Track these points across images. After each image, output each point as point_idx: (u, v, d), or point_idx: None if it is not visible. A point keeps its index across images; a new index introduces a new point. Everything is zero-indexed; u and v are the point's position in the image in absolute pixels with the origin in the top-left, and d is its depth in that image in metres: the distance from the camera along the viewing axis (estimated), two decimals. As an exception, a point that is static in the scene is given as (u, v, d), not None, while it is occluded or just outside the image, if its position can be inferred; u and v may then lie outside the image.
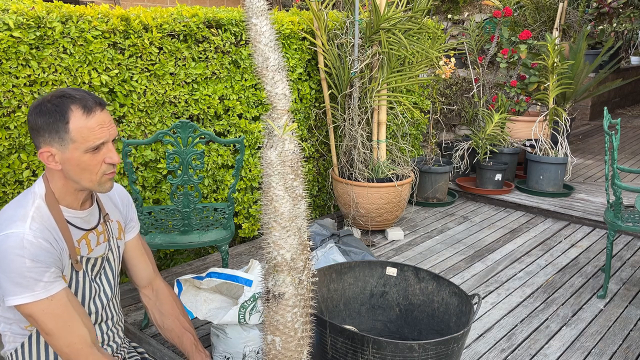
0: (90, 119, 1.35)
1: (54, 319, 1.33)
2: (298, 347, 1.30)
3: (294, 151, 1.20)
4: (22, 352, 1.46)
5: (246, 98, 3.23)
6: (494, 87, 5.13)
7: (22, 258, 1.29)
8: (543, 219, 4.12)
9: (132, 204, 1.72)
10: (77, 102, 1.35)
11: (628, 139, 7.01)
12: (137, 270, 1.73)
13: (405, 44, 3.37)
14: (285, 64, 3.43)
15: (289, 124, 1.20)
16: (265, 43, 1.16)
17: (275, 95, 1.19)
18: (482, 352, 2.37)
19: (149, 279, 1.75)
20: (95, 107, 1.37)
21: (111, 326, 1.58)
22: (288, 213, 1.20)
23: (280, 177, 1.19)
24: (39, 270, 1.31)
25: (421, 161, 4.36)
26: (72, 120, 1.33)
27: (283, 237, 1.21)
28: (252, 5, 1.15)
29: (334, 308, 2.11)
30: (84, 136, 1.34)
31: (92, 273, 1.51)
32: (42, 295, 1.31)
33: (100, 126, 1.37)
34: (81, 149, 1.35)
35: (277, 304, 1.25)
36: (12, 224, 1.33)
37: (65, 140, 1.34)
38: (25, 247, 1.30)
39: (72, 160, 1.36)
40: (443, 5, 8.56)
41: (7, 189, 2.40)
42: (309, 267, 1.28)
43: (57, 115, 1.33)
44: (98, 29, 2.51)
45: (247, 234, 3.45)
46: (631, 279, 3.10)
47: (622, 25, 7.76)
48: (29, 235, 1.32)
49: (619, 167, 2.83)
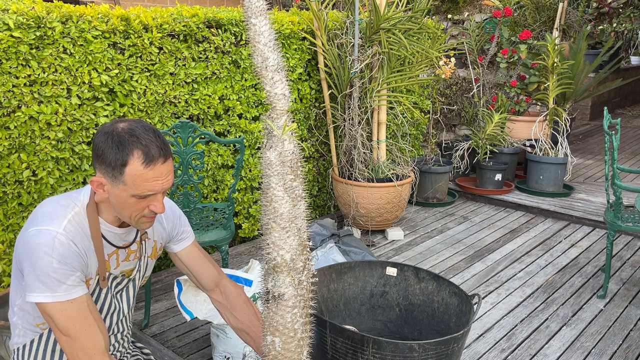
0: (148, 170, 1.31)
1: (72, 321, 1.32)
2: (298, 347, 1.30)
3: (293, 151, 1.19)
4: (30, 348, 1.45)
5: (246, 98, 3.23)
6: (494, 87, 5.13)
7: (51, 258, 1.29)
8: (543, 219, 4.12)
9: (180, 217, 1.68)
10: (141, 148, 1.30)
11: (628, 139, 7.01)
12: (201, 277, 1.70)
13: (405, 44, 3.37)
14: (285, 64, 3.43)
15: (288, 124, 1.19)
16: (265, 43, 1.16)
17: (275, 96, 1.19)
18: (482, 352, 2.37)
19: (215, 282, 1.71)
20: (158, 159, 1.32)
21: (119, 338, 1.59)
22: (287, 214, 1.20)
23: (279, 177, 1.18)
24: (65, 272, 1.30)
25: (421, 161, 4.36)
26: (130, 165, 1.30)
27: (282, 237, 1.21)
28: (251, 5, 1.14)
29: (334, 308, 2.11)
30: (136, 184, 1.31)
31: (115, 289, 1.51)
32: (63, 297, 1.31)
33: (156, 179, 1.33)
34: (129, 193, 1.33)
35: (276, 305, 1.25)
36: (48, 221, 1.33)
37: (117, 179, 1.32)
38: (56, 247, 1.30)
39: (117, 197, 1.35)
40: (443, 5, 8.56)
41: (7, 189, 2.40)
42: (308, 268, 1.28)
43: (118, 154, 1.30)
44: (98, 29, 2.51)
45: (247, 234, 3.45)
46: (631, 279, 3.10)
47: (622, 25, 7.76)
48: (62, 235, 1.31)
49: (619, 167, 2.83)
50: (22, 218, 2.47)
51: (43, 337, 1.45)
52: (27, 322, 1.44)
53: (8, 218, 2.45)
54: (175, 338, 2.44)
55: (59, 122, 2.48)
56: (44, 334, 1.45)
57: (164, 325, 2.54)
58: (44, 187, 2.50)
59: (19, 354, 1.47)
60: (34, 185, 2.47)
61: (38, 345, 1.45)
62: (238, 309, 1.69)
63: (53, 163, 2.51)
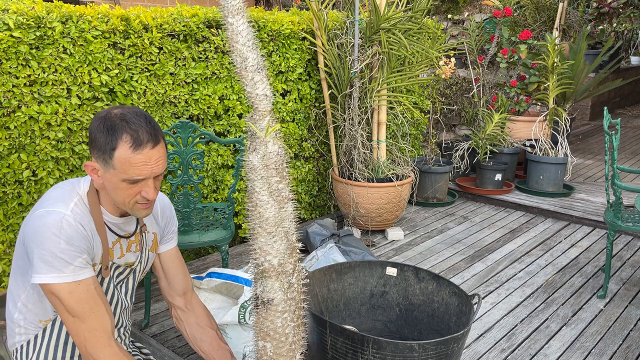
0: (136, 154, 1.33)
1: (80, 302, 1.32)
2: (290, 351, 1.29)
3: (278, 152, 1.16)
4: (34, 344, 1.44)
5: (246, 98, 3.23)
6: (494, 87, 5.12)
7: (58, 238, 1.29)
8: (543, 219, 4.12)
9: (173, 217, 1.71)
10: (129, 133, 1.32)
11: (628, 139, 7.01)
12: (176, 281, 1.71)
13: (405, 44, 3.37)
14: (285, 63, 3.43)
15: (272, 124, 1.17)
16: (243, 43, 1.12)
17: (256, 97, 1.16)
18: (482, 352, 2.37)
19: (184, 290, 1.73)
20: (147, 143, 1.34)
21: (121, 333, 1.59)
22: (273, 218, 1.17)
23: (263, 181, 1.15)
24: (72, 253, 1.31)
25: (421, 161, 4.36)
26: (119, 149, 1.32)
27: (269, 242, 1.19)
28: (228, 4, 1.11)
29: (334, 308, 2.11)
30: (125, 168, 1.33)
31: (116, 280, 1.51)
32: (70, 278, 1.31)
33: (144, 163, 1.34)
34: (119, 177, 1.35)
35: (266, 310, 1.24)
36: (56, 204, 1.35)
37: (108, 164, 1.34)
38: (63, 227, 1.31)
39: (110, 182, 1.37)
40: (443, 5, 8.56)
41: (7, 189, 2.40)
42: (299, 270, 1.26)
43: (108, 138, 1.32)
44: (98, 29, 2.51)
45: (247, 234, 3.45)
46: (631, 279, 3.10)
47: (622, 25, 7.76)
48: (69, 217, 1.33)
49: (619, 167, 2.83)
50: (22, 218, 2.47)
51: (47, 331, 1.44)
52: (31, 318, 1.44)
53: (8, 218, 2.45)
54: (175, 338, 2.44)
55: (59, 122, 2.48)
56: (47, 328, 1.44)
57: (164, 325, 2.54)
58: (44, 187, 2.50)
59: (22, 351, 1.45)
60: (34, 185, 2.47)
61: (42, 339, 1.44)
62: (201, 318, 1.71)
63: (53, 163, 2.51)
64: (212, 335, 1.69)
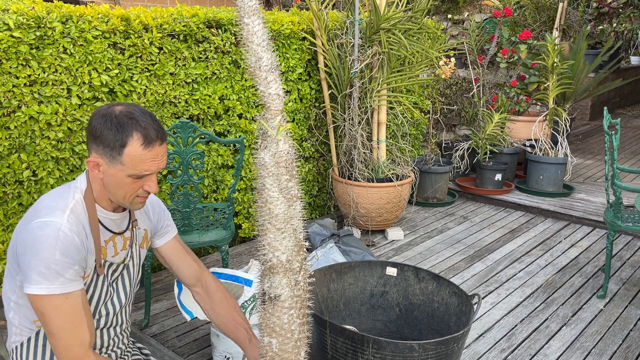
0: (147, 151, 1.36)
1: (63, 317, 1.33)
2: (295, 348, 1.29)
3: (288, 151, 1.18)
4: (27, 346, 1.45)
5: (246, 98, 3.24)
6: (494, 87, 5.13)
7: (54, 249, 1.30)
8: (543, 219, 4.12)
9: (164, 211, 1.73)
10: (140, 131, 1.35)
11: (628, 139, 7.01)
12: (182, 271, 1.73)
13: (405, 44, 3.38)
14: (285, 64, 3.43)
15: (283, 124, 1.18)
16: (258, 43, 1.14)
17: (269, 96, 1.18)
18: (482, 352, 2.37)
19: (197, 277, 1.75)
20: (156, 141, 1.38)
21: (119, 332, 1.59)
22: (283, 214, 1.19)
23: (274, 178, 1.17)
24: (65, 265, 1.32)
25: (421, 161, 4.36)
26: (130, 146, 1.35)
27: (278, 239, 1.20)
28: (244, 5, 1.12)
29: (334, 308, 2.11)
30: (134, 164, 1.36)
31: (111, 277, 1.52)
32: (58, 290, 1.31)
33: (153, 159, 1.38)
34: (126, 173, 1.37)
35: (273, 306, 1.24)
36: (52, 213, 1.35)
37: (115, 160, 1.36)
38: (60, 238, 1.31)
39: (113, 177, 1.39)
40: (443, 5, 8.56)
41: (7, 189, 2.40)
42: (305, 268, 1.27)
43: (118, 135, 1.34)
44: (98, 29, 2.51)
45: (247, 234, 3.46)
46: (631, 279, 3.10)
47: (622, 25, 7.76)
48: (66, 227, 1.34)
49: (619, 167, 2.83)
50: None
51: (40, 334, 1.45)
52: (24, 318, 1.44)
53: (8, 218, 2.45)
54: (175, 338, 2.44)
55: (59, 122, 2.48)
56: (41, 331, 1.45)
57: (164, 325, 2.54)
58: (44, 187, 2.50)
59: (17, 352, 1.46)
60: (34, 185, 2.47)
61: (36, 342, 1.45)
62: (217, 302, 1.73)
63: (53, 163, 2.51)
64: (229, 320, 1.71)
